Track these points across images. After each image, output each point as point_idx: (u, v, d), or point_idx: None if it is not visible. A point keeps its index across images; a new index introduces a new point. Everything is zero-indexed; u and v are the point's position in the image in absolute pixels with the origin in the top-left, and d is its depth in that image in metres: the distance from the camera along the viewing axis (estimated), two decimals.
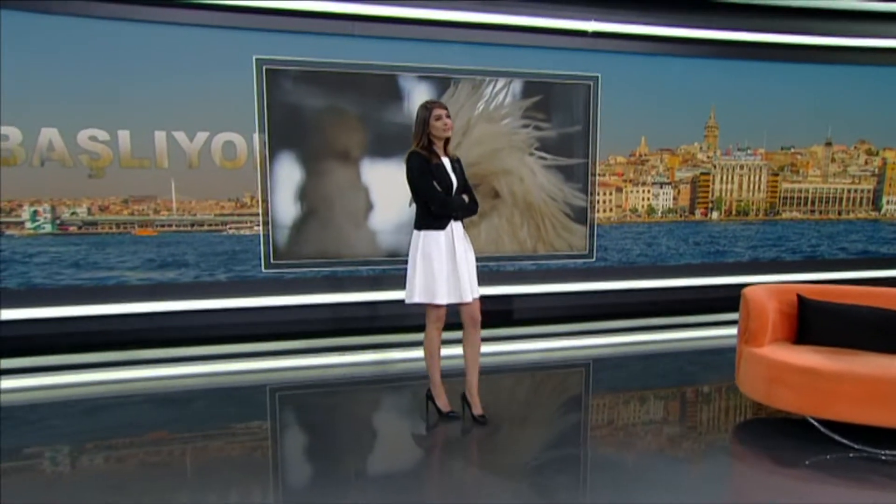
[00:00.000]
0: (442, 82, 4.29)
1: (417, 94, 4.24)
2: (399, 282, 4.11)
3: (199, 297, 4.05)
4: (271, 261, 4.16)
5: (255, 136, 4.05)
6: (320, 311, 4.25)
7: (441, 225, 2.56)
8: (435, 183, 2.52)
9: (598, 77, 4.59)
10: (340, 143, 4.17)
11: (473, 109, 4.34)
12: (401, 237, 4.28)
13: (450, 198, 2.54)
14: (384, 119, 4.20)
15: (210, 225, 4.07)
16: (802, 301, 2.87)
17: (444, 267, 2.55)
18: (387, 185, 4.25)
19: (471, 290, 2.60)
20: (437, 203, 2.55)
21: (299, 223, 4.17)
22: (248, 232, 4.13)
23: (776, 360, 2.60)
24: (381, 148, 4.22)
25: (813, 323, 2.80)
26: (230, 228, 4.09)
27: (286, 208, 4.14)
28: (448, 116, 2.57)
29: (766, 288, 2.94)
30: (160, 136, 3.95)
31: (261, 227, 4.12)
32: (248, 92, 4.03)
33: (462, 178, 2.63)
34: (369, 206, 4.26)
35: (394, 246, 4.33)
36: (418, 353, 3.61)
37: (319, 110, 4.11)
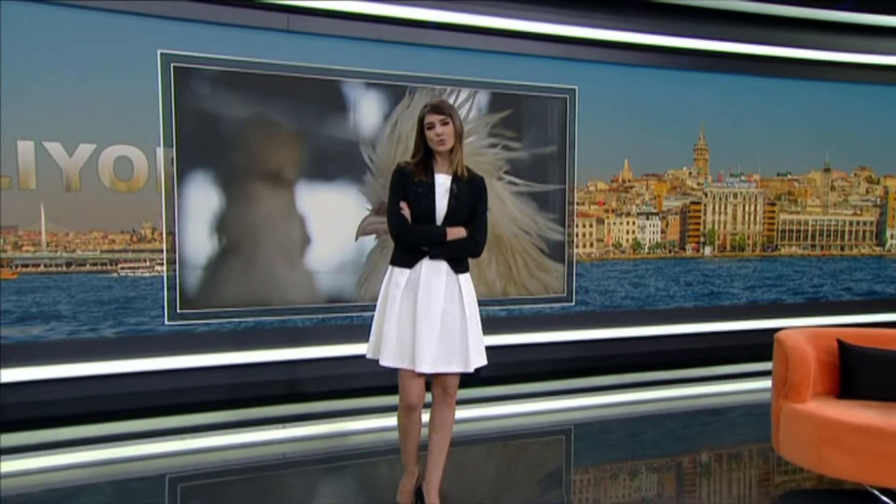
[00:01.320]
0: (395, 91, 4.12)
1: (365, 105, 4.05)
2: (344, 334, 3.90)
3: (76, 360, 3.60)
4: (178, 310, 3.81)
5: (160, 151, 3.73)
6: (242, 374, 3.90)
7: (407, 261, 2.34)
8: (403, 205, 2.31)
9: (575, 89, 4.54)
10: (270, 161, 3.92)
11: None
12: (345, 278, 4.07)
13: (409, 224, 2.31)
14: (325, 134, 3.99)
15: (94, 264, 3.70)
16: (844, 348, 2.80)
17: (395, 316, 2.30)
18: (328, 215, 4.02)
19: (435, 358, 2.28)
20: (391, 229, 2.35)
21: (216, 262, 3.87)
22: (146, 273, 3.78)
23: (827, 418, 2.52)
24: (321, 169, 3.99)
25: (859, 373, 2.74)
26: (123, 269, 3.75)
27: (199, 243, 3.84)
28: (444, 124, 2.33)
29: (802, 332, 2.90)
30: (25, 148, 3.51)
31: (164, 267, 3.78)
32: (150, 95, 3.70)
33: (463, 206, 2.36)
34: (306, 241, 4.01)
35: (336, 290, 4.09)
36: (378, 422, 3.18)
37: (244, 121, 3.85)
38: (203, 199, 3.82)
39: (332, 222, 4.04)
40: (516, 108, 4.38)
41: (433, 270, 2.32)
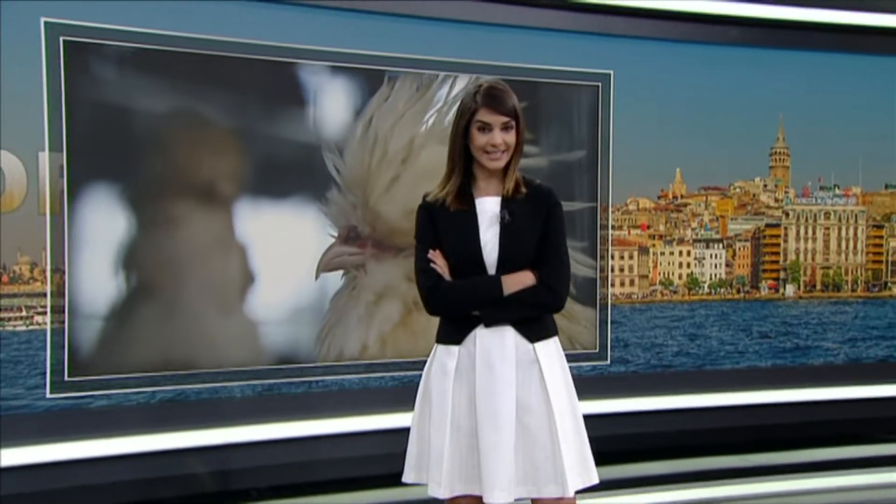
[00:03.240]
0: (370, 78, 4.01)
1: (329, 97, 3.99)
2: (300, 407, 3.83)
3: None
4: (66, 377, 3.60)
5: (44, 157, 3.54)
6: (157, 465, 3.68)
7: (454, 334, 2.14)
8: (434, 255, 2.12)
9: (609, 75, 4.39)
10: (199, 172, 3.84)
11: (419, 123, 4.09)
12: (301, 331, 3.96)
13: (444, 282, 2.12)
14: (275, 135, 3.91)
15: None
16: None
17: (446, 419, 2.12)
18: (279, 245, 3.95)
19: (512, 479, 2.06)
20: (420, 291, 2.17)
21: (122, 309, 3.74)
22: (21, 326, 3.61)
23: None
24: (270, 182, 3.92)
25: None
26: None
27: (98, 283, 3.71)
28: (506, 128, 2.07)
29: None
30: None
31: (48, 318, 3.58)
32: (30, 80, 3.50)
33: (523, 235, 2.13)
34: (247, 280, 3.86)
35: (289, 346, 4.01)
36: None
37: (162, 117, 3.78)
38: (104, 224, 3.70)
39: (285, 254, 3.94)
40: (532, 101, 4.19)
41: (494, 343, 2.09)
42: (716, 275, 4.94)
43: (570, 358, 4.19)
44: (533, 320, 2.12)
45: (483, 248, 2.11)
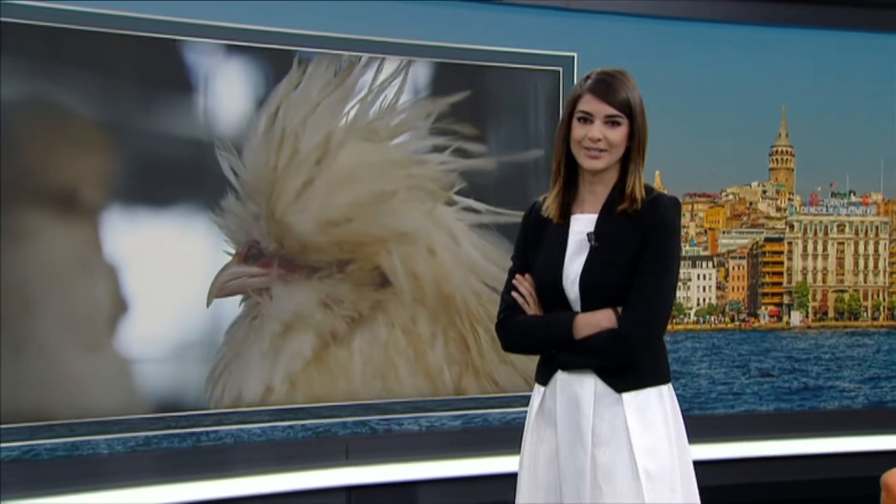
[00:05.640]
0: (277, 59, 3.87)
1: (225, 82, 3.83)
2: (187, 464, 3.70)
3: None
4: None
5: None
6: None
7: (541, 374, 2.21)
8: (520, 280, 2.18)
9: (573, 58, 4.21)
10: (56, 173, 3.64)
11: (337, 116, 3.94)
12: (188, 370, 3.76)
13: (518, 317, 2.17)
14: (154, 129, 3.74)
15: None
16: None
17: (527, 473, 2.19)
18: (160, 264, 3.74)
19: None
20: (497, 319, 2.25)
21: None
22: None
23: None
24: (148, 187, 3.75)
25: None
26: None
27: None
28: (611, 123, 2.06)
29: None
30: None
31: None
32: None
33: (615, 263, 2.11)
34: (119, 308, 3.65)
35: (174, 389, 3.81)
36: None
37: (7, 105, 3.57)
38: None
39: (167, 276, 3.73)
40: (477, 89, 4.11)
41: (575, 391, 2.10)
42: (704, 299, 4.83)
43: (526, 401, 4.06)
44: (617, 368, 2.07)
45: (565, 277, 2.09)
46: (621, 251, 2.08)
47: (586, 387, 2.09)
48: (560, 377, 2.11)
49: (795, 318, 4.70)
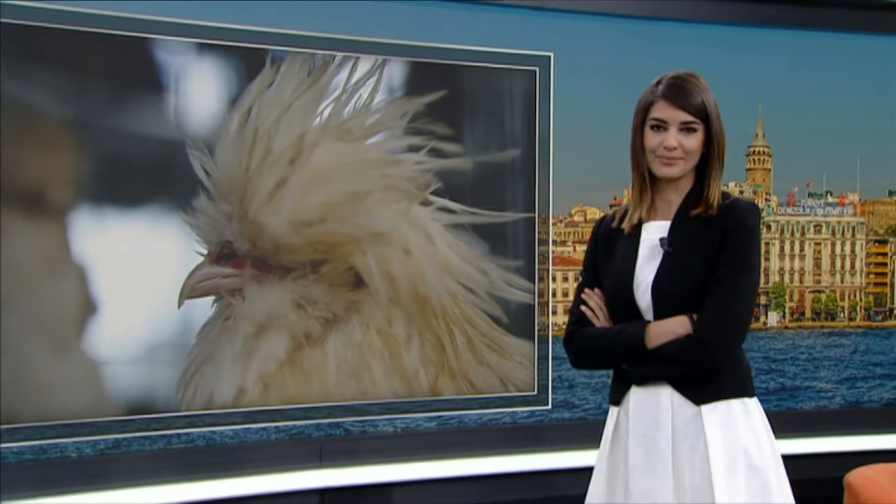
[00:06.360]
0: (249, 58, 3.81)
1: (197, 81, 3.78)
2: (157, 467, 3.73)
3: None
4: None
5: None
6: None
7: (614, 392, 2.16)
8: (590, 294, 2.16)
9: (549, 58, 4.21)
10: (22, 172, 3.58)
11: (311, 116, 3.92)
12: (159, 372, 3.71)
13: (587, 329, 2.15)
14: (125, 128, 3.68)
15: None
16: None
17: (602, 489, 2.13)
18: (130, 265, 3.68)
19: None
20: (564, 334, 2.25)
21: None
22: None
23: None
24: (118, 187, 3.68)
25: None
26: None
27: None
28: (687, 130, 2.04)
29: (886, 470, 2.93)
30: None
31: None
32: None
33: (691, 270, 2.05)
34: (87, 309, 3.61)
35: (144, 391, 3.72)
36: None
37: None
38: None
39: (137, 277, 3.64)
40: (453, 89, 4.08)
41: (649, 407, 2.05)
42: None
43: (503, 402, 4.18)
44: (697, 377, 1.99)
45: (636, 286, 2.05)
46: (697, 255, 2.02)
47: (662, 401, 2.03)
48: (634, 394, 2.05)
49: (772, 318, 4.71)
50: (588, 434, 4.08)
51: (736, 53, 4.51)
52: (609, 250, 2.14)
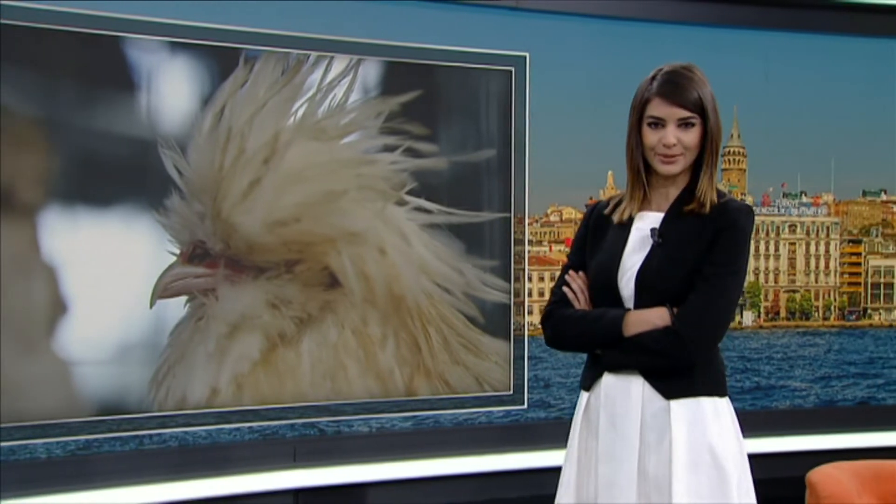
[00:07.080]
0: (223, 57, 3.77)
1: (169, 80, 3.72)
2: (129, 469, 3.60)
3: None
4: None
5: None
6: None
7: (585, 378, 2.18)
8: (573, 276, 2.16)
9: (525, 58, 4.21)
10: None
11: (285, 115, 3.91)
12: (131, 372, 3.66)
13: (564, 310, 2.15)
14: (96, 127, 3.63)
15: None
16: None
17: (566, 487, 2.15)
18: (101, 264, 3.63)
19: None
20: (543, 312, 2.27)
21: None
22: None
23: None
24: (89, 186, 3.63)
25: None
26: None
27: None
28: (685, 126, 2.03)
29: (849, 469, 2.94)
30: None
31: None
32: None
33: (676, 264, 2.05)
34: (58, 309, 3.57)
35: (115, 391, 3.66)
36: None
37: None
38: None
39: (109, 277, 3.59)
40: (428, 88, 4.07)
41: (620, 395, 2.05)
42: None
43: (478, 402, 4.19)
44: (671, 370, 1.98)
45: (621, 273, 2.05)
46: (686, 250, 2.02)
47: (633, 391, 2.03)
48: (605, 380, 2.05)
49: (748, 317, 4.73)
50: (564, 433, 4.14)
51: (710, 54, 4.49)
52: (599, 235, 2.14)
